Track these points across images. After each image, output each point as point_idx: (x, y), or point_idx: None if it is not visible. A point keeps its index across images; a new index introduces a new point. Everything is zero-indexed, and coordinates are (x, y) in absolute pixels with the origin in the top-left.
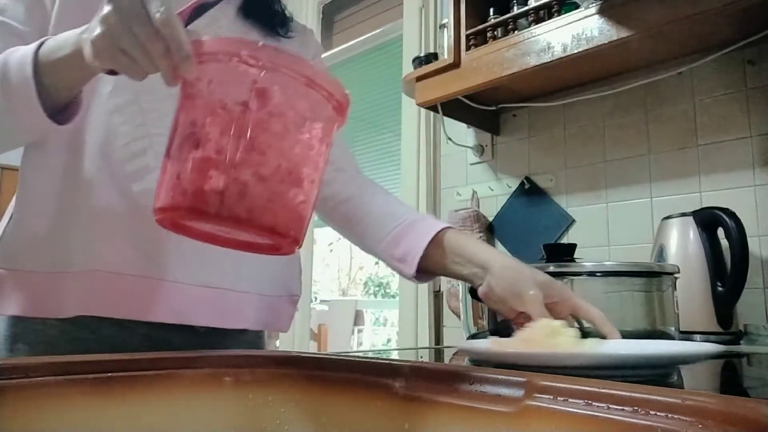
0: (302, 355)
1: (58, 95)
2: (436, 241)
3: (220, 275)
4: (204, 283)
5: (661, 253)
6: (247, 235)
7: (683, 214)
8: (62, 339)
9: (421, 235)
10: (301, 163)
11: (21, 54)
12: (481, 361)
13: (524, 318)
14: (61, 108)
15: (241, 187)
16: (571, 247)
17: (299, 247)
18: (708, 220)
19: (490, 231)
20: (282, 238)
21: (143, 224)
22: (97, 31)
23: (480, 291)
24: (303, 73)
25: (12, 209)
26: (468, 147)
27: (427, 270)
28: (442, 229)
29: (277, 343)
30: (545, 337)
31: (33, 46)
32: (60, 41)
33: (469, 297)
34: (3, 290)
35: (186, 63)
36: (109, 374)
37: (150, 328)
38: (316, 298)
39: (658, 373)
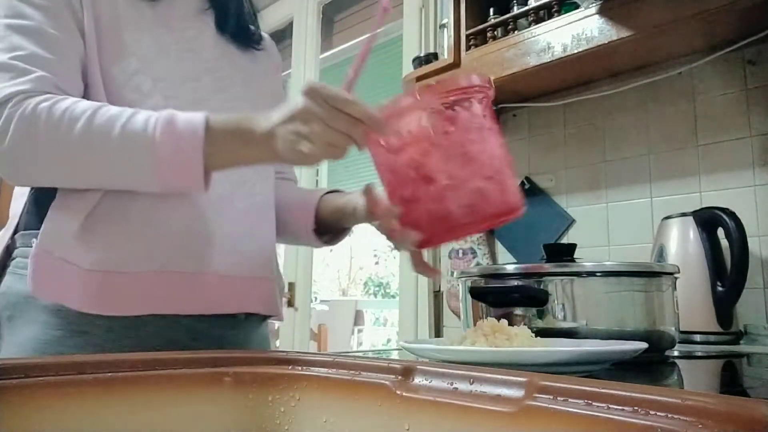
0: (302, 355)
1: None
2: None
3: (251, 264)
4: (239, 274)
5: (661, 253)
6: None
7: (683, 214)
8: (118, 335)
9: (309, 208)
10: (496, 148)
11: (186, 117)
12: (427, 356)
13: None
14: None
15: (479, 193)
16: (571, 247)
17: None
18: (708, 220)
19: (491, 231)
20: (518, 208)
21: (184, 220)
22: (301, 138)
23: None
24: (455, 87)
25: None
26: None
27: (327, 229)
28: (321, 196)
29: (278, 343)
30: (488, 335)
31: (198, 115)
32: (231, 122)
33: (469, 297)
34: (68, 284)
35: (383, 129)
36: (109, 374)
37: (193, 320)
38: (316, 298)
39: (589, 370)
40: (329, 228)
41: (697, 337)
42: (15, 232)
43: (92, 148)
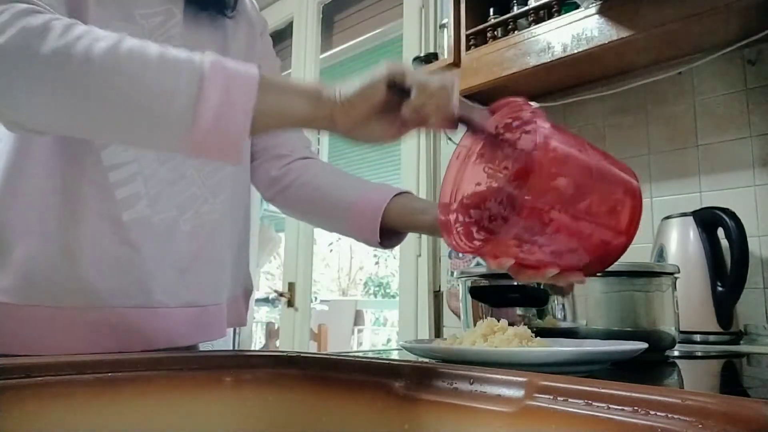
0: (302, 355)
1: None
2: (389, 210)
3: (201, 293)
4: (188, 304)
5: (661, 253)
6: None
7: (683, 214)
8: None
9: (376, 209)
10: (606, 165)
11: (235, 66)
12: (426, 356)
13: None
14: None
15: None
16: None
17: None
18: (708, 220)
19: None
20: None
21: (132, 254)
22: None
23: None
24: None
25: None
26: None
27: (394, 232)
28: (393, 197)
29: (278, 343)
30: (488, 335)
31: (250, 67)
32: (289, 86)
33: (469, 297)
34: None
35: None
36: (110, 374)
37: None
38: (316, 298)
39: (589, 370)
40: (392, 232)
41: (697, 337)
42: None
43: (118, 67)
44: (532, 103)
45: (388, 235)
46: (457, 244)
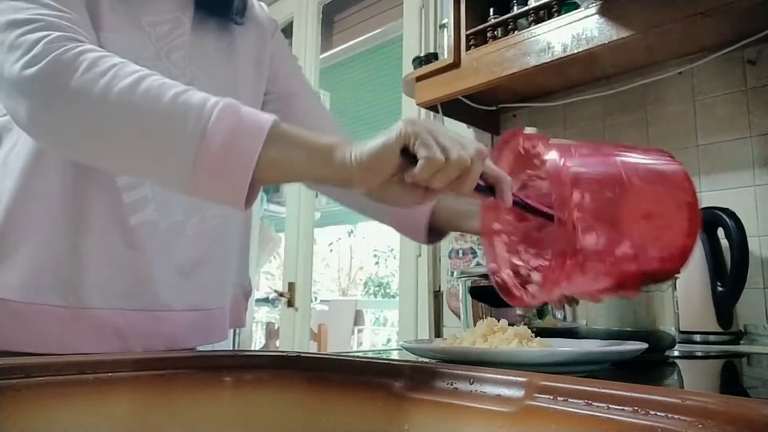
0: (302, 355)
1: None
2: (436, 213)
3: (205, 297)
4: (192, 307)
5: None
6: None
7: None
8: None
9: (423, 210)
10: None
11: (248, 112)
12: (426, 356)
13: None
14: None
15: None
16: None
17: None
18: (708, 220)
19: None
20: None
21: (138, 258)
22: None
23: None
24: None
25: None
26: None
27: (439, 231)
28: None
29: (278, 343)
30: (488, 335)
31: (265, 116)
32: (302, 140)
33: (469, 297)
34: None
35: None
36: (109, 374)
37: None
38: (316, 298)
39: (589, 370)
40: (439, 227)
41: (697, 337)
42: None
43: (127, 111)
44: (528, 130)
45: (432, 232)
46: (522, 297)
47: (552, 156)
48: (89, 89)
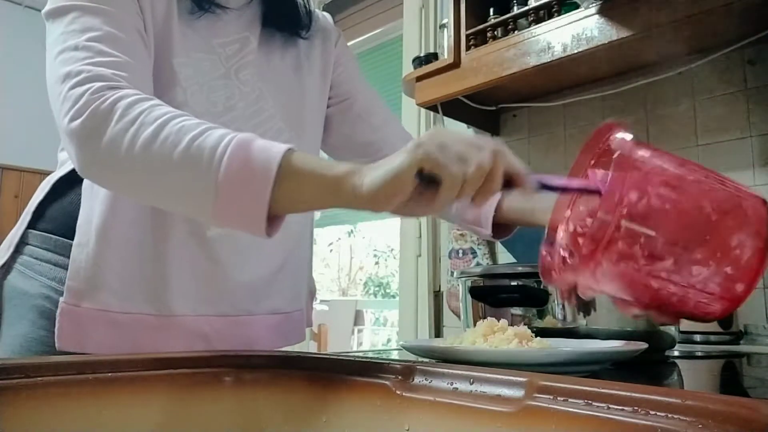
0: (302, 355)
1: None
2: (502, 209)
3: (284, 301)
4: (272, 311)
5: None
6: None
7: None
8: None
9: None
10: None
11: (264, 145)
12: (426, 356)
13: None
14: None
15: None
16: None
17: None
18: None
19: None
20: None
21: (215, 269)
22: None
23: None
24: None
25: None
26: None
27: (505, 225)
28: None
29: None
30: (488, 335)
31: (277, 146)
32: (312, 174)
33: (469, 297)
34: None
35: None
36: (109, 374)
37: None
38: (316, 298)
39: (589, 370)
40: (505, 221)
41: (697, 337)
42: (28, 226)
43: (151, 161)
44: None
45: (498, 227)
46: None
47: (624, 146)
48: (120, 141)
